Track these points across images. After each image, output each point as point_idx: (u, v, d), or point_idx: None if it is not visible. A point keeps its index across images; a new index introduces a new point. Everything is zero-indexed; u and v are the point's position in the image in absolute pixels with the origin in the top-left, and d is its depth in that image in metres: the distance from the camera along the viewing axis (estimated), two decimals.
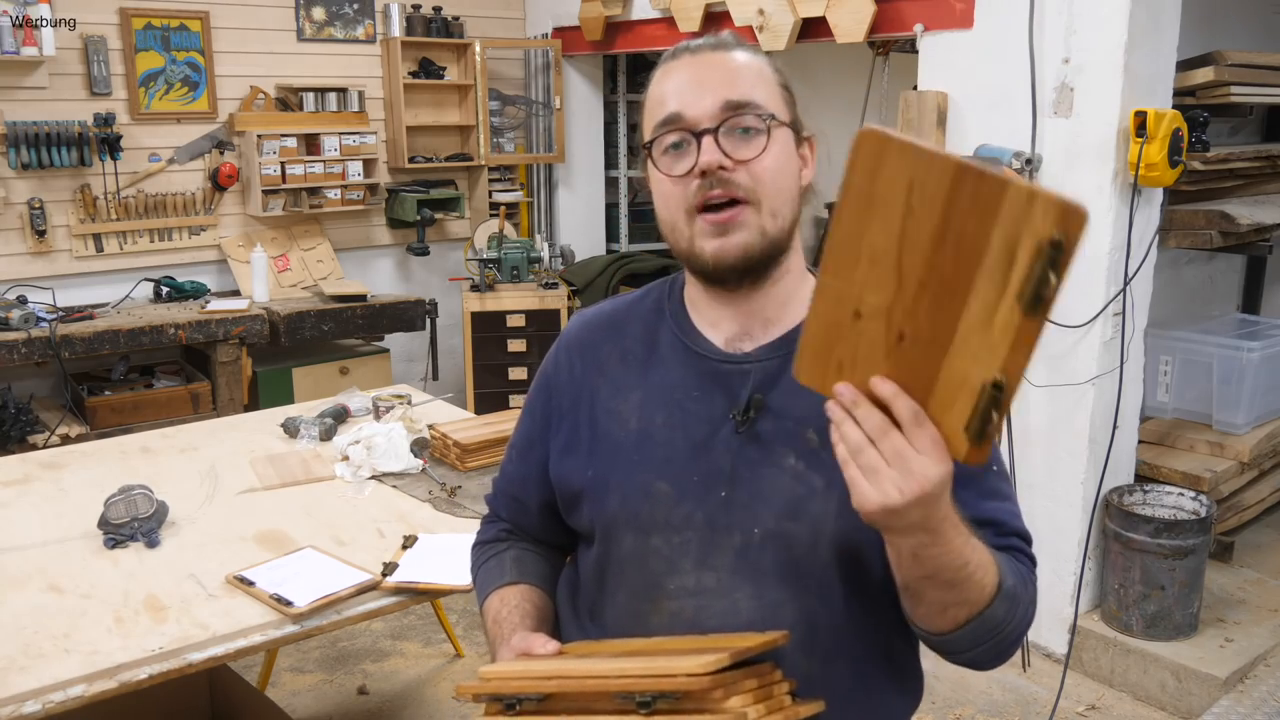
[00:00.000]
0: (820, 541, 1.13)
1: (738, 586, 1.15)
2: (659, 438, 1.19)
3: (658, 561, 1.18)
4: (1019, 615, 1.10)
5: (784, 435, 1.15)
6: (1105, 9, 3.05)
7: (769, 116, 1.13)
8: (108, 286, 4.49)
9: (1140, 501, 3.39)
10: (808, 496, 1.13)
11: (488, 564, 1.38)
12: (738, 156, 1.12)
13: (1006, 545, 1.17)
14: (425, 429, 2.82)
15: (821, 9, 3.82)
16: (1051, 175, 3.25)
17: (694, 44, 1.17)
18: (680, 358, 1.22)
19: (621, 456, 1.21)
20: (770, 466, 1.15)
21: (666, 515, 1.17)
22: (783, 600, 1.14)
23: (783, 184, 1.15)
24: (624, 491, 1.20)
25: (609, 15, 4.96)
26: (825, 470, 1.12)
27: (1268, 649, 3.24)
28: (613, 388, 1.25)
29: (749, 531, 1.15)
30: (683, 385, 1.20)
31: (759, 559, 1.14)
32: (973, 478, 1.14)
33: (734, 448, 1.16)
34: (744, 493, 1.15)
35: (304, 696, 3.24)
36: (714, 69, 1.14)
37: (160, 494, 2.29)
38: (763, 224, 1.13)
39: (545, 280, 5.05)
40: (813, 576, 1.14)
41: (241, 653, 1.85)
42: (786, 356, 1.14)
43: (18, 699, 1.64)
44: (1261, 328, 4.08)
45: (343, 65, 5.02)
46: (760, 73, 1.15)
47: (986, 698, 3.24)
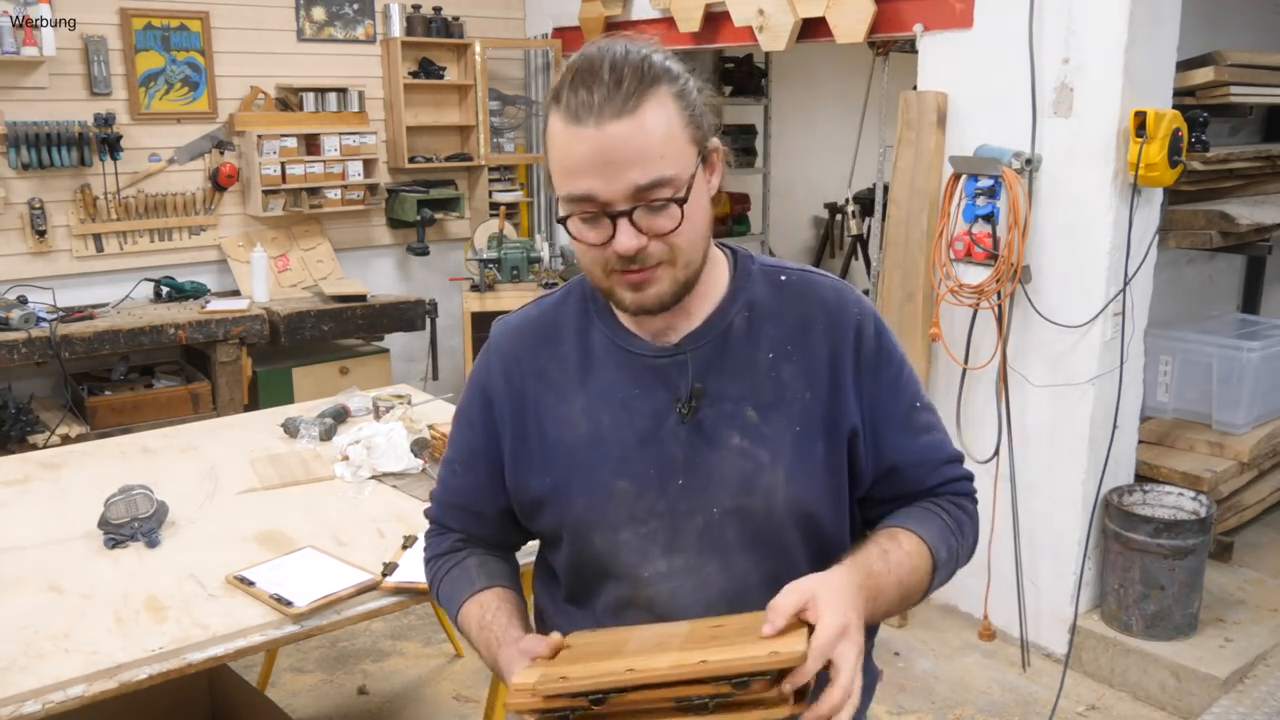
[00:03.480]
0: (775, 510, 1.22)
1: (706, 563, 1.23)
2: (609, 438, 1.25)
3: (629, 553, 1.25)
4: (960, 560, 1.29)
5: (725, 418, 1.23)
6: (1105, 9, 3.05)
7: (683, 188, 1.13)
8: (108, 286, 4.49)
9: (1140, 501, 3.39)
10: (757, 471, 1.22)
11: (451, 573, 1.39)
12: (654, 232, 1.15)
13: (938, 482, 1.30)
14: (425, 429, 2.82)
15: (821, 9, 3.82)
16: (1051, 175, 3.26)
17: (598, 98, 1.10)
18: (616, 359, 1.27)
19: (577, 461, 1.26)
20: (718, 449, 1.22)
21: (631, 510, 1.24)
22: (749, 568, 1.23)
23: (696, 236, 1.18)
24: (588, 494, 1.25)
25: (609, 15, 4.96)
26: (768, 444, 1.22)
27: (1268, 649, 3.24)
28: (556, 395, 1.28)
29: (709, 512, 1.22)
30: (623, 384, 1.26)
31: (722, 535, 1.23)
32: (902, 419, 1.27)
33: (681, 437, 1.23)
34: (699, 477, 1.23)
35: (304, 696, 3.24)
36: (622, 146, 1.10)
37: (160, 494, 2.29)
38: (676, 275, 1.18)
39: (545, 280, 5.05)
40: (773, 542, 1.23)
41: (241, 653, 1.85)
42: (711, 342, 1.24)
43: (18, 699, 1.64)
44: (1261, 328, 4.08)
45: (343, 65, 5.02)
46: (668, 130, 1.12)
47: (986, 698, 3.24)
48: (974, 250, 3.39)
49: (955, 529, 1.29)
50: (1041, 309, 3.31)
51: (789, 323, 1.26)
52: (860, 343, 1.25)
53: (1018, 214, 3.24)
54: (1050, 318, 3.29)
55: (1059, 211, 3.25)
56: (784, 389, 1.24)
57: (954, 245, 3.44)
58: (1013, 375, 3.42)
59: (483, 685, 3.26)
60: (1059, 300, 3.28)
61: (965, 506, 1.33)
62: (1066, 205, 3.23)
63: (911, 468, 1.28)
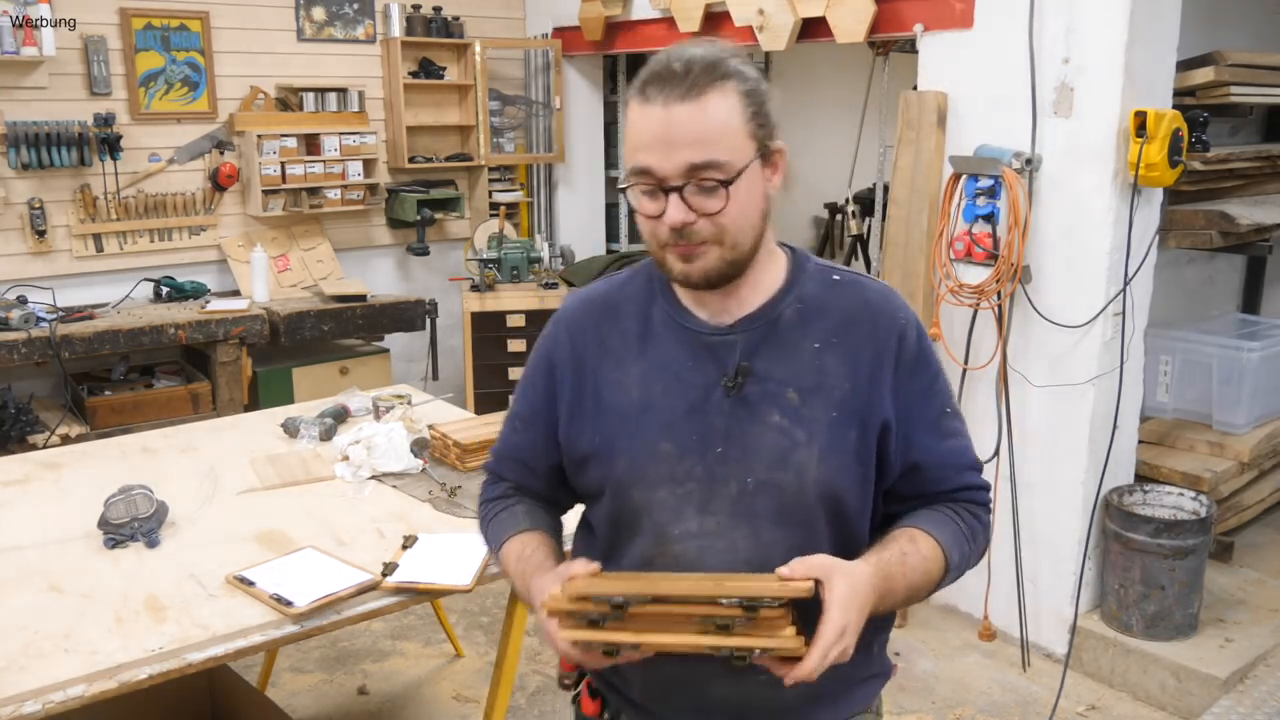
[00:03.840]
0: (805, 487, 1.30)
1: (736, 528, 1.31)
2: (659, 404, 1.34)
3: (663, 511, 1.33)
4: (968, 565, 1.38)
5: (768, 396, 1.32)
6: (1105, 9, 3.05)
7: (733, 173, 1.23)
8: (108, 286, 4.49)
9: (1140, 501, 3.39)
10: (792, 449, 1.30)
11: (500, 516, 1.51)
12: (702, 211, 1.24)
13: (958, 486, 1.38)
14: (425, 429, 2.82)
15: (821, 9, 3.82)
16: (1051, 175, 3.26)
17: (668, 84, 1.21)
18: (674, 334, 1.36)
19: (627, 423, 1.36)
20: (758, 424, 1.31)
21: (671, 471, 1.33)
22: (774, 539, 1.30)
23: (744, 221, 1.27)
24: (632, 453, 1.35)
25: (609, 15, 4.96)
26: (806, 425, 1.30)
27: (1268, 649, 3.24)
28: (614, 362, 1.39)
29: (743, 481, 1.31)
30: (678, 357, 1.35)
31: (753, 504, 1.31)
32: (932, 422, 1.36)
33: (725, 409, 1.32)
34: (737, 448, 1.31)
35: (304, 696, 3.24)
36: (683, 126, 1.21)
37: (160, 494, 2.29)
38: (723, 255, 1.27)
39: (545, 280, 5.05)
40: (800, 517, 1.31)
41: (241, 653, 1.85)
42: (763, 326, 1.33)
43: (18, 699, 1.64)
44: (1261, 328, 4.08)
45: (343, 65, 5.02)
46: (728, 120, 1.22)
47: (986, 698, 3.24)
48: (974, 250, 3.39)
49: (968, 536, 1.37)
50: (1041, 309, 3.31)
51: (837, 319, 1.34)
52: (902, 346, 1.34)
53: (1018, 214, 3.24)
54: (1050, 318, 3.29)
55: (1059, 211, 3.25)
56: (825, 377, 1.32)
57: (954, 245, 3.44)
58: (1013, 375, 3.42)
59: (483, 685, 3.26)
60: (1059, 300, 3.28)
61: (979, 515, 1.40)
62: (1066, 205, 3.23)
63: (935, 468, 1.36)
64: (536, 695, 3.24)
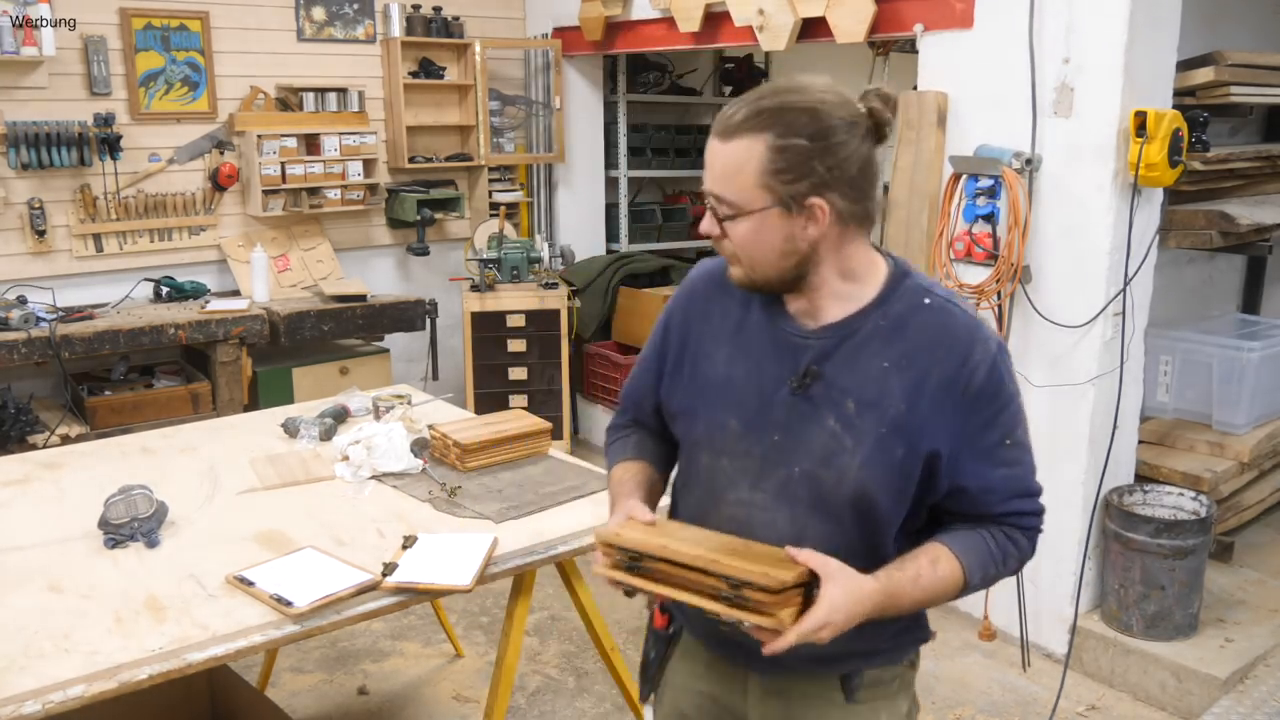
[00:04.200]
0: (842, 486, 1.41)
1: (778, 508, 1.45)
2: (738, 385, 1.49)
3: (723, 477, 1.49)
4: (999, 577, 1.49)
5: (829, 401, 1.43)
6: (1105, 9, 3.05)
7: (734, 213, 1.39)
8: (108, 286, 4.49)
9: (1140, 501, 3.39)
10: (838, 451, 1.41)
11: (616, 443, 1.72)
12: (711, 233, 1.45)
13: (1004, 512, 1.46)
14: (425, 429, 2.82)
15: (821, 9, 3.82)
16: (1051, 175, 3.26)
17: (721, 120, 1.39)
18: (765, 326, 1.49)
19: (709, 395, 1.51)
20: (814, 424, 1.43)
21: (734, 445, 1.48)
22: (808, 524, 1.43)
23: (755, 254, 1.41)
24: (706, 422, 1.51)
25: (609, 15, 4.96)
26: (855, 434, 1.41)
27: (1268, 649, 3.24)
28: (712, 337, 1.54)
29: (791, 469, 1.44)
30: (762, 347, 1.49)
31: (796, 490, 1.44)
32: (988, 451, 1.42)
33: (789, 404, 1.45)
34: (792, 439, 1.44)
35: (304, 696, 3.24)
36: (714, 158, 1.40)
37: (160, 494, 2.29)
38: (747, 272, 1.44)
39: (545, 280, 5.05)
40: (833, 510, 1.42)
41: (241, 653, 1.85)
42: (842, 337, 1.44)
43: (18, 699, 1.64)
44: (1261, 328, 4.08)
45: (343, 65, 5.02)
46: (742, 166, 1.36)
47: (986, 698, 3.24)
48: (974, 250, 3.39)
49: (999, 559, 1.46)
50: (1041, 309, 3.31)
51: (914, 341, 1.42)
52: (971, 379, 1.40)
53: (1018, 214, 3.24)
54: (1050, 318, 3.29)
55: (1059, 211, 3.25)
56: (885, 395, 1.40)
57: (954, 245, 3.44)
58: None
59: (483, 685, 3.26)
60: (1059, 300, 3.28)
61: (1016, 539, 1.48)
62: (1066, 205, 3.23)
63: (981, 493, 1.44)
64: (536, 695, 3.24)
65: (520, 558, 2.21)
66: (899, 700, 1.58)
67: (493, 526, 2.32)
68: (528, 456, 2.77)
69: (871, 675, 1.53)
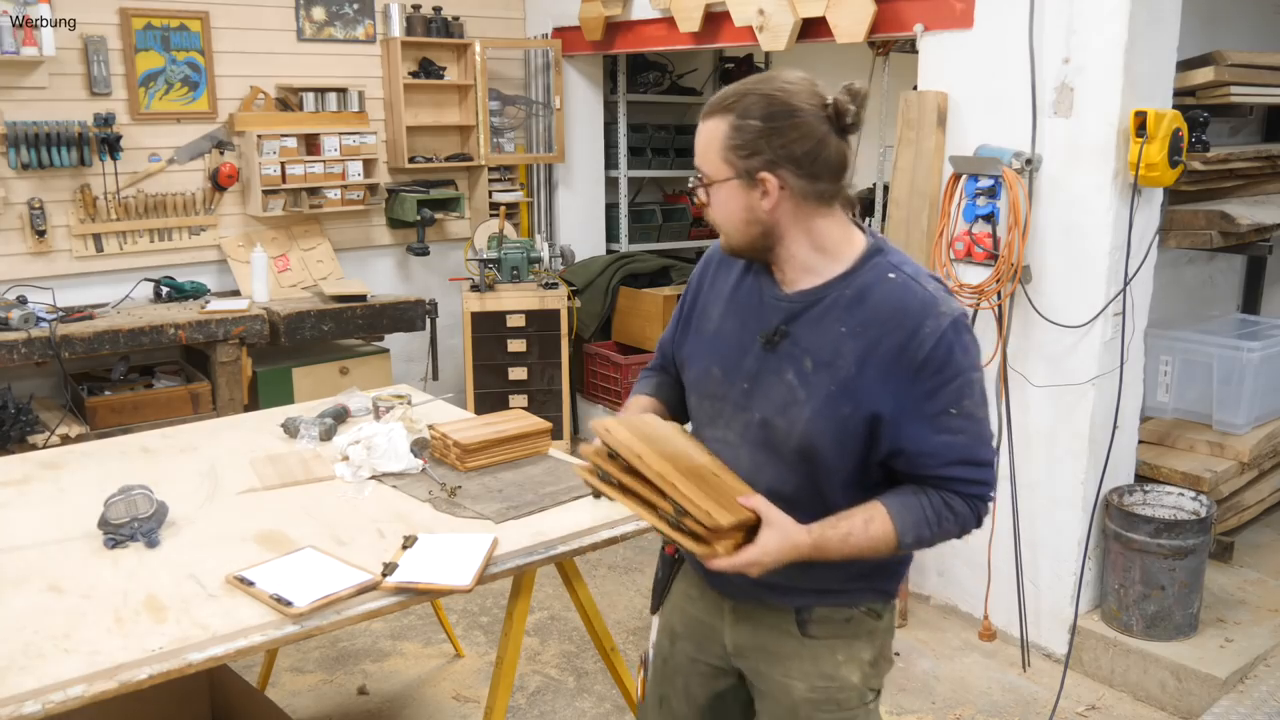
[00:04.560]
0: (792, 434, 1.60)
1: (741, 448, 1.66)
2: (725, 338, 1.71)
3: (702, 415, 1.75)
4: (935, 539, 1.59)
5: (791, 357, 1.61)
6: (1105, 9, 3.05)
7: (706, 180, 1.61)
8: (108, 286, 4.49)
9: (1140, 501, 3.40)
10: (792, 403, 1.60)
11: (641, 381, 1.96)
12: (700, 201, 1.66)
13: (941, 475, 1.57)
14: (425, 429, 2.82)
15: (821, 9, 3.82)
16: (1051, 175, 3.26)
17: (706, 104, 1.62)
18: (754, 290, 1.70)
19: (702, 345, 1.75)
20: (776, 376, 1.62)
21: (714, 389, 1.71)
22: (762, 464, 1.63)
23: (725, 221, 1.62)
24: (697, 369, 1.76)
25: (609, 15, 4.96)
26: (808, 389, 1.59)
27: (1268, 649, 3.24)
28: (713, 297, 1.77)
29: (753, 414, 1.64)
30: (749, 308, 1.69)
31: (755, 434, 1.64)
32: (929, 418, 1.54)
33: (760, 356, 1.65)
34: (757, 388, 1.64)
35: (304, 696, 3.24)
36: (697, 135, 1.61)
37: (160, 494, 2.29)
38: (724, 238, 1.66)
39: (545, 280, 5.05)
40: (784, 455, 1.62)
41: (241, 653, 1.85)
42: (810, 303, 1.61)
43: (18, 699, 1.64)
44: (1261, 328, 4.08)
45: (343, 65, 5.02)
46: (710, 142, 1.58)
47: (986, 698, 3.24)
48: (974, 250, 3.39)
49: (933, 521, 1.57)
50: (1041, 309, 3.31)
51: (872, 312, 1.57)
52: (918, 349, 1.53)
53: (1018, 214, 3.24)
54: (1050, 318, 3.29)
55: (1059, 211, 3.25)
56: (839, 358, 1.57)
57: (954, 245, 3.44)
58: (1013, 375, 3.42)
59: (483, 685, 3.26)
60: (1059, 300, 3.28)
61: (953, 504, 1.58)
62: (1066, 205, 3.23)
63: (918, 456, 1.56)
64: (536, 695, 3.24)
65: (520, 558, 2.21)
66: (859, 646, 1.72)
67: (493, 526, 2.32)
68: (528, 456, 2.77)
69: (821, 613, 1.69)
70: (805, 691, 1.71)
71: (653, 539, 2.87)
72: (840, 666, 1.71)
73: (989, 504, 1.61)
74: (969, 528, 1.60)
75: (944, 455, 1.55)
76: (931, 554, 3.76)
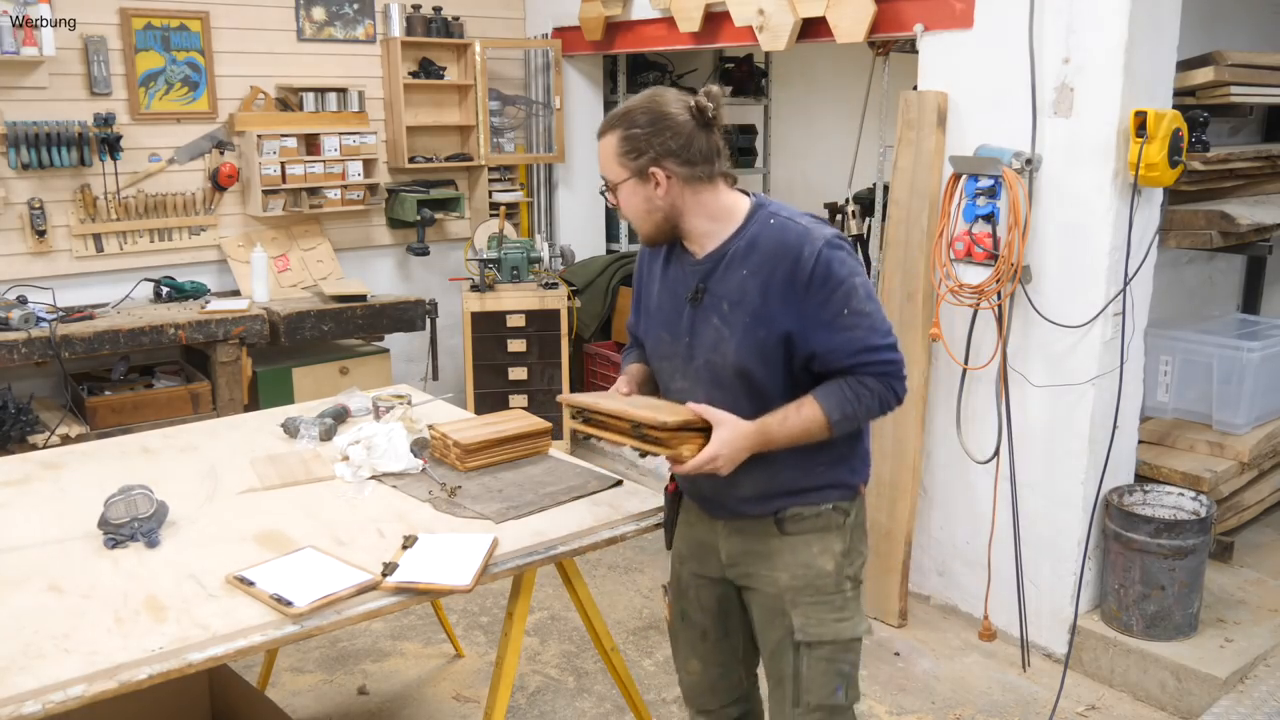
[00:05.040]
0: (727, 364, 1.97)
1: (697, 389, 2.02)
2: (664, 308, 2.08)
3: (664, 374, 2.12)
4: (863, 414, 1.95)
5: (713, 306, 1.99)
6: (1105, 9, 3.05)
7: (611, 185, 2.00)
8: (108, 286, 4.49)
9: (1140, 501, 3.40)
10: (721, 340, 1.97)
11: (628, 355, 2.29)
12: (611, 204, 2.06)
13: (850, 364, 1.92)
14: (425, 429, 2.82)
15: (821, 9, 3.82)
16: (1051, 175, 3.26)
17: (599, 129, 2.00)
18: (678, 264, 2.06)
19: (650, 316, 2.13)
20: (705, 324, 2.00)
21: (666, 350, 2.09)
22: (715, 396, 1.98)
23: (633, 215, 2.01)
24: (651, 337, 2.14)
25: (609, 15, 4.96)
26: (730, 326, 1.96)
27: (1268, 649, 3.24)
28: (652, 277, 2.14)
29: (698, 360, 2.02)
30: (676, 279, 2.06)
31: (703, 375, 2.02)
32: (828, 323, 1.90)
33: (690, 314, 2.02)
34: (695, 339, 2.02)
35: (304, 696, 3.24)
36: (598, 151, 2.00)
37: (160, 494, 2.29)
38: (638, 230, 2.05)
39: (545, 280, 5.05)
40: (726, 383, 1.98)
41: (241, 653, 1.85)
42: (716, 260, 1.98)
43: (18, 699, 1.64)
44: (1261, 328, 4.08)
45: (343, 65, 5.02)
46: (607, 153, 1.96)
47: (986, 698, 3.24)
48: (974, 250, 3.39)
49: (853, 399, 1.93)
50: (1041, 309, 3.31)
51: (764, 253, 1.93)
52: (800, 272, 1.89)
53: (1018, 214, 3.24)
54: (1050, 318, 3.29)
55: (1059, 211, 3.25)
56: (746, 295, 1.94)
57: (954, 245, 3.44)
58: (1013, 375, 3.42)
59: (483, 685, 3.26)
60: (1059, 300, 3.28)
61: (866, 383, 1.93)
62: (1066, 205, 3.23)
63: (828, 353, 1.92)
64: (536, 695, 3.24)
65: (520, 558, 2.21)
66: (830, 539, 2.04)
67: (493, 526, 2.32)
68: (528, 456, 2.77)
69: (795, 511, 2.02)
70: (789, 580, 2.03)
71: (652, 539, 2.87)
72: (816, 557, 2.03)
73: (903, 379, 1.96)
74: (889, 402, 1.96)
75: (847, 348, 1.91)
76: (931, 554, 3.76)
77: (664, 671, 3.37)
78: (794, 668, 2.04)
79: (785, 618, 2.03)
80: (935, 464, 3.72)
